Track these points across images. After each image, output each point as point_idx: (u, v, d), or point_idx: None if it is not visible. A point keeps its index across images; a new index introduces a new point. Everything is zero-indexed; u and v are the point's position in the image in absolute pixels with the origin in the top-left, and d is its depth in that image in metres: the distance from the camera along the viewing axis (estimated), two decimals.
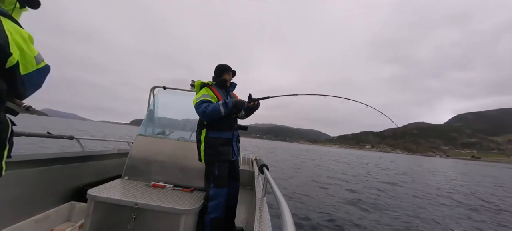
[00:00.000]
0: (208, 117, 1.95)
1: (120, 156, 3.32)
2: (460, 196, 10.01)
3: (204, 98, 2.01)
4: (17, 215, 1.87)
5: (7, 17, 1.01)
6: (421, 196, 9.11)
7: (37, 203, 2.07)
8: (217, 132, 2.06)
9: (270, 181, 1.49)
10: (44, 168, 2.17)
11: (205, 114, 1.94)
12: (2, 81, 0.98)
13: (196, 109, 2.00)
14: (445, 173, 23.76)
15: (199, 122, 2.14)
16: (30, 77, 1.08)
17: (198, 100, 2.00)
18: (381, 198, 7.79)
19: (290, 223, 0.79)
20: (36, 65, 1.10)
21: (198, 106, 1.98)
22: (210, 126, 2.06)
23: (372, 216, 5.67)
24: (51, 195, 2.23)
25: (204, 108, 1.94)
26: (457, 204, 8.18)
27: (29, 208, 1.99)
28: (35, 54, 1.09)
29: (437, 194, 9.84)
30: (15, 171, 1.89)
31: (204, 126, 2.08)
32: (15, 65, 1.02)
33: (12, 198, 1.87)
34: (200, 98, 2.02)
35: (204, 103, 1.97)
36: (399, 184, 11.74)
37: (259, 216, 1.47)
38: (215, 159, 2.00)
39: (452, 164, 64.43)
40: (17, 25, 1.06)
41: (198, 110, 1.98)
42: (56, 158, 2.29)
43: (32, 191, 2.04)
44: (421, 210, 6.79)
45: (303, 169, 14.70)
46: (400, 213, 6.26)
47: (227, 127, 2.12)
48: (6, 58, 0.98)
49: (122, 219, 1.81)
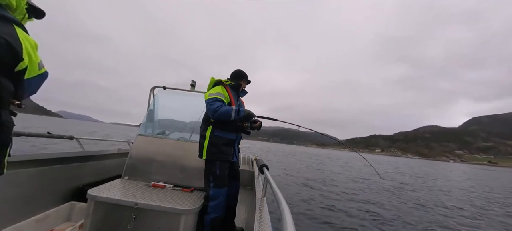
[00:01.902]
0: (218, 116, 1.98)
1: (120, 156, 3.36)
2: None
3: (219, 97, 2.03)
4: (17, 215, 1.89)
5: (19, 26, 1.13)
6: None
7: (37, 203, 2.10)
8: (223, 131, 2.09)
9: (270, 181, 1.50)
10: (44, 168, 2.19)
11: (216, 113, 1.96)
12: (11, 83, 1.08)
13: (208, 104, 2.01)
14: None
15: (205, 119, 2.16)
16: (31, 81, 1.19)
17: (213, 96, 2.02)
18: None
19: (290, 223, 0.79)
20: (38, 70, 1.20)
21: (211, 102, 1.99)
22: (217, 125, 2.08)
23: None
24: (51, 195, 2.26)
25: (217, 106, 1.96)
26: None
27: (29, 208, 2.01)
28: (38, 60, 1.20)
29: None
30: (15, 171, 1.92)
31: (210, 123, 2.10)
32: (23, 70, 1.13)
33: (12, 198, 1.90)
34: (214, 95, 2.03)
35: (218, 102, 1.99)
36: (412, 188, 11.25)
37: (259, 216, 1.48)
38: (217, 158, 2.02)
39: (471, 169, 60.76)
40: (26, 33, 1.18)
41: (211, 106, 1.99)
42: (56, 158, 2.32)
43: (32, 191, 2.07)
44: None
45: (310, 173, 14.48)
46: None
47: (233, 129, 2.15)
48: (18, 63, 1.10)
49: (122, 219, 1.83)
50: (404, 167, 28.57)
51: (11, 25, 1.09)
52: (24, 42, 1.10)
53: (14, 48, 1.06)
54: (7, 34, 1.04)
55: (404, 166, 28.42)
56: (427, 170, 25.36)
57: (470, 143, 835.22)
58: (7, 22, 1.08)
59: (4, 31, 1.04)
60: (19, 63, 1.09)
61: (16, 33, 1.09)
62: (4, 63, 1.05)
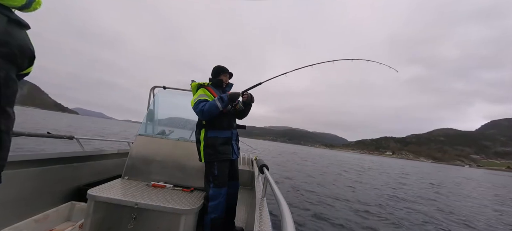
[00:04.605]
0: (207, 114, 2.01)
1: (120, 156, 3.39)
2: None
3: (202, 98, 2.09)
4: (17, 215, 1.92)
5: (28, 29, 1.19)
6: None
7: (37, 203, 2.13)
8: (217, 131, 2.13)
9: (270, 181, 1.51)
10: (44, 168, 2.23)
11: (203, 113, 2.00)
12: (16, 84, 1.13)
13: (194, 109, 2.07)
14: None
15: (198, 122, 2.21)
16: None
17: (196, 100, 2.08)
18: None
19: (290, 223, 0.80)
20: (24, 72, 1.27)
21: (196, 106, 2.05)
22: (209, 126, 2.12)
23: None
24: (51, 195, 2.29)
25: (202, 106, 2.01)
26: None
27: (29, 208, 2.05)
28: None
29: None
30: (15, 171, 1.95)
31: (203, 126, 2.15)
32: (25, 74, 1.19)
33: (12, 198, 1.93)
34: (197, 98, 2.10)
35: (202, 102, 2.05)
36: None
37: (259, 216, 1.50)
38: (215, 159, 2.06)
39: (490, 175, 56.11)
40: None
41: (196, 110, 2.04)
42: (56, 158, 2.35)
43: (32, 191, 2.10)
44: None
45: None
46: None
47: (226, 126, 2.19)
48: (28, 67, 1.18)
49: (122, 219, 1.85)
50: (414, 170, 27.30)
51: (24, 31, 1.15)
52: (32, 47, 1.17)
53: (31, 54, 1.15)
54: (23, 40, 1.11)
55: (414, 170, 27.14)
56: (441, 175, 23.90)
57: (488, 147, 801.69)
58: (22, 27, 1.13)
59: (20, 37, 1.10)
60: (28, 68, 1.17)
61: (28, 38, 1.15)
62: (22, 68, 1.13)
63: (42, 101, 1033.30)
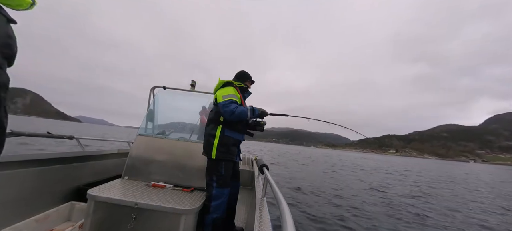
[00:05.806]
0: (236, 117, 2.03)
1: (120, 156, 3.41)
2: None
3: (234, 99, 2.09)
4: (17, 215, 1.93)
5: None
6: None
7: (37, 203, 2.14)
8: (233, 132, 2.15)
9: (270, 181, 1.52)
10: (44, 168, 2.24)
11: (233, 114, 2.01)
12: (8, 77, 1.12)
13: (224, 106, 2.04)
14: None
15: (215, 118, 2.18)
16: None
17: (227, 98, 2.07)
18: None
19: (290, 223, 0.80)
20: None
21: (227, 104, 2.04)
22: (227, 125, 2.13)
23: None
24: (51, 195, 2.31)
25: (234, 108, 2.02)
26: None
27: (29, 208, 2.06)
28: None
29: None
30: (15, 171, 1.96)
31: (220, 122, 2.15)
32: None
33: (12, 198, 1.94)
34: (228, 96, 2.09)
35: (234, 104, 2.06)
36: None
37: (259, 216, 1.50)
38: (224, 158, 2.07)
39: (497, 170, 54.11)
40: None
41: (226, 108, 2.02)
42: (56, 158, 2.37)
43: (32, 191, 2.12)
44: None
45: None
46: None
47: (241, 129, 2.22)
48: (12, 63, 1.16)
49: (122, 219, 1.85)
50: (416, 168, 26.81)
51: (10, 25, 1.13)
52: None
53: (14, 48, 1.13)
54: (11, 35, 1.11)
55: (416, 167, 26.58)
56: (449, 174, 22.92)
57: (492, 142, 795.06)
58: (8, 22, 1.12)
59: (9, 32, 1.10)
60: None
61: (14, 34, 1.14)
62: (11, 62, 1.12)
63: (44, 110, 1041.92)
